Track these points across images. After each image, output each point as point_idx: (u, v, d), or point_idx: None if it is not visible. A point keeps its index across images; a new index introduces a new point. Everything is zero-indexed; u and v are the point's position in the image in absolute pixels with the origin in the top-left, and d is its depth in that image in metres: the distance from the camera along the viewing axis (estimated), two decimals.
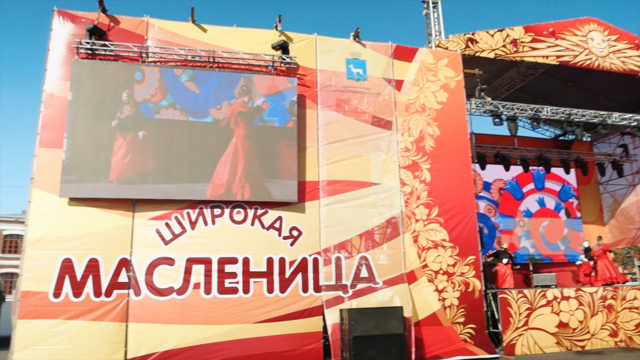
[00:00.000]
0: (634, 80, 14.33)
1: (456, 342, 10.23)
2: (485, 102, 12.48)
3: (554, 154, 17.36)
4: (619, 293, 11.89)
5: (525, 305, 10.94)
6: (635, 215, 17.82)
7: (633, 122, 14.01)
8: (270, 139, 10.05)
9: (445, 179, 11.05)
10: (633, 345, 11.40)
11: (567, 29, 13.53)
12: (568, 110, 13.27)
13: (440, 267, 10.55)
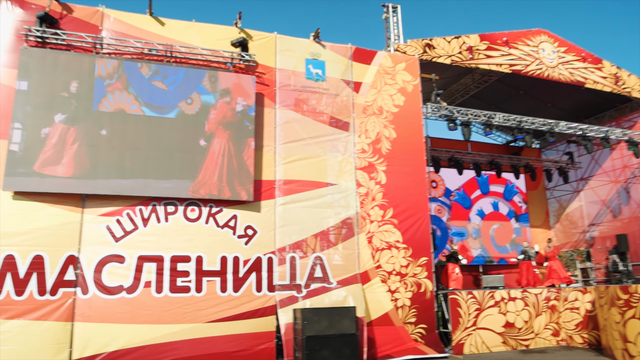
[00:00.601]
0: (580, 90, 15.02)
1: (407, 341, 10.41)
2: (441, 106, 12.78)
3: (505, 159, 17.98)
4: (561, 294, 12.42)
5: (475, 306, 11.27)
6: (579, 220, 18.68)
7: (578, 131, 14.66)
8: (228, 135, 9.94)
9: (400, 181, 11.24)
10: (573, 344, 11.93)
11: (520, 39, 14.03)
12: (519, 118, 13.75)
13: (393, 268, 10.73)
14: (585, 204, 18.49)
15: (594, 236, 18.06)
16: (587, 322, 11.78)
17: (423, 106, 12.20)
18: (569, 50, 14.75)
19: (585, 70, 14.80)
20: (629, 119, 16.58)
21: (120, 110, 9.42)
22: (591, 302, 11.71)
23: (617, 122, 16.83)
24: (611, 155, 17.36)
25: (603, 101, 16.42)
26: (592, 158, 18.05)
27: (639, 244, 16.25)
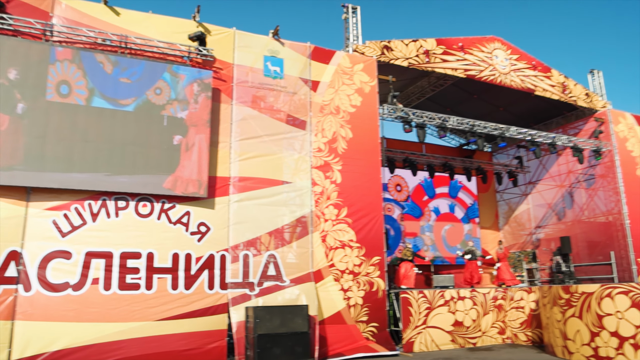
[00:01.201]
0: (530, 97, 15.59)
1: (359, 340, 10.52)
2: (397, 108, 12.98)
3: (458, 162, 18.46)
4: (508, 294, 12.86)
5: (425, 305, 11.52)
6: (526, 222, 19.41)
7: (527, 136, 15.21)
8: (184, 131, 9.76)
9: (355, 181, 11.34)
10: (517, 341, 12.39)
11: (475, 45, 14.42)
12: (472, 122, 14.13)
13: (346, 267, 10.82)
14: (532, 207, 19.23)
15: (539, 238, 18.80)
16: (531, 320, 12.25)
17: (379, 107, 12.36)
18: (521, 58, 15.28)
19: (535, 78, 15.37)
20: (574, 127, 17.34)
21: (73, 100, 9.08)
22: (535, 301, 12.18)
23: (563, 129, 17.57)
24: (557, 160, 18.11)
25: (551, 108, 17.10)
26: (540, 163, 18.79)
27: (581, 246, 17.04)
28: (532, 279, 18.15)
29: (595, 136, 16.37)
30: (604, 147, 16.25)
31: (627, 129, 16.83)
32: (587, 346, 8.95)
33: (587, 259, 16.74)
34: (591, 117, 16.72)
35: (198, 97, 9.97)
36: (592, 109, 16.58)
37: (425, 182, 18.40)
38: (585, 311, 9.01)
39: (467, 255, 15.46)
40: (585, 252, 16.90)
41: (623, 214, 15.68)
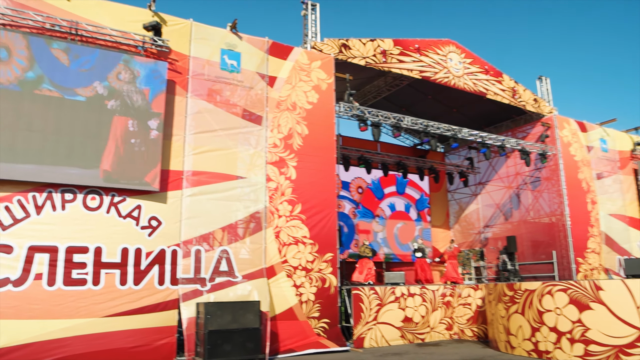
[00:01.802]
0: (482, 100, 16.07)
1: (310, 335, 10.58)
2: (353, 106, 13.09)
3: (412, 161, 18.83)
4: (456, 291, 13.24)
5: (376, 301, 11.70)
6: (475, 221, 20.03)
7: (478, 138, 15.69)
8: (137, 123, 9.49)
9: (310, 177, 11.37)
10: (464, 337, 12.78)
11: (430, 47, 14.73)
12: (426, 122, 14.44)
13: (299, 263, 10.84)
14: (481, 207, 19.87)
15: (487, 237, 19.45)
16: (477, 316, 12.66)
17: (336, 105, 12.43)
18: (474, 62, 15.73)
19: (487, 82, 15.87)
20: (523, 130, 18.02)
21: (20, 87, 8.65)
22: (482, 298, 12.59)
23: (512, 132, 18.22)
24: (506, 162, 18.78)
25: (501, 112, 17.71)
26: (490, 164, 19.42)
27: (526, 246, 17.75)
28: (479, 277, 18.77)
29: (541, 140, 17.07)
30: (550, 151, 16.96)
31: (570, 134, 17.62)
32: (528, 341, 9.34)
33: (531, 257, 17.45)
34: (538, 121, 17.42)
35: (152, 89, 9.71)
36: (539, 114, 17.28)
37: (379, 179, 18.68)
38: (528, 307, 9.40)
39: (418, 252, 15.80)
40: (529, 251, 17.61)
41: (565, 215, 16.44)
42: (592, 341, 8.36)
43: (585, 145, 17.97)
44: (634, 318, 8.08)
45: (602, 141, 18.79)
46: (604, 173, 18.38)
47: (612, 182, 18.59)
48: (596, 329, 8.35)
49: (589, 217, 17.18)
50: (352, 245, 17.45)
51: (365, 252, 14.83)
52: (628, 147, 19.55)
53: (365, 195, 18.51)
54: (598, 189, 17.85)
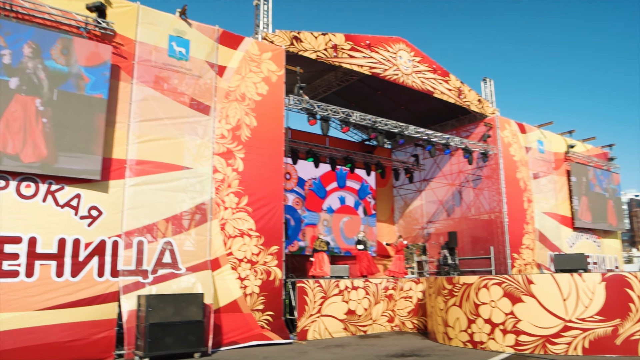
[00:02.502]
0: (429, 98, 16.49)
1: (254, 328, 10.57)
2: (303, 100, 13.11)
3: (359, 156, 19.08)
4: (398, 284, 13.58)
5: (320, 294, 11.82)
6: (419, 217, 20.58)
7: (424, 135, 16.10)
8: (75, 108, 9.06)
9: (257, 170, 11.30)
10: (405, 329, 13.15)
11: (381, 44, 14.94)
12: (374, 118, 14.66)
13: (244, 256, 10.77)
14: (425, 203, 20.43)
15: (430, 232, 20.05)
16: (418, 309, 13.05)
17: (285, 97, 12.40)
18: (423, 61, 16.09)
19: (435, 81, 16.29)
20: (466, 129, 18.64)
21: None
22: (422, 291, 12.98)
23: (457, 131, 18.82)
24: (450, 160, 19.38)
25: (447, 111, 18.24)
26: (434, 162, 19.98)
27: (466, 241, 18.43)
28: (421, 271, 19.31)
29: (484, 140, 17.73)
30: (491, 150, 17.65)
31: (511, 135, 18.41)
32: (464, 332, 9.73)
33: (471, 252, 18.15)
34: (482, 121, 18.08)
35: (94, 73, 9.31)
36: (483, 114, 17.93)
37: (327, 173, 18.76)
38: (465, 300, 9.78)
39: (359, 245, 16.04)
40: (469, 246, 18.31)
41: (503, 213, 17.18)
42: (523, 332, 8.82)
43: (524, 146, 18.82)
44: (561, 310, 8.59)
45: (539, 143, 19.74)
46: (540, 173, 19.34)
47: (547, 182, 19.59)
48: (527, 320, 8.82)
49: (525, 215, 18.04)
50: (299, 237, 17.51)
51: (321, 247, 15.14)
52: (562, 149, 20.65)
53: (309, 196, 18.58)
54: (534, 188, 18.77)
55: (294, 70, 12.87)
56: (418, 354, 9.12)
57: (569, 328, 8.49)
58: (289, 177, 18.08)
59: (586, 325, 8.43)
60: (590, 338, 8.37)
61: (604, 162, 22.79)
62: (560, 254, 12.26)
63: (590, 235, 21.17)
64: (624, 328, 8.29)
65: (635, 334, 8.24)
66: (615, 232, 23.07)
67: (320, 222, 18.54)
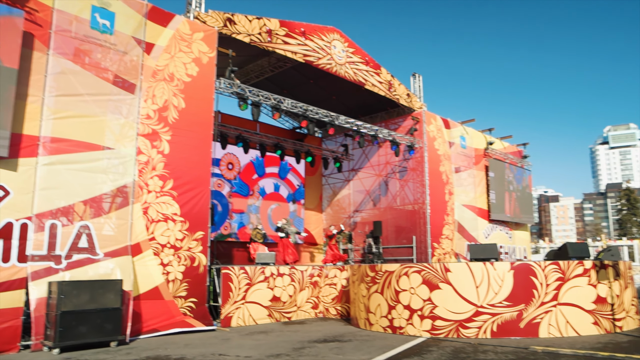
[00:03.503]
0: (361, 90, 16.72)
1: (176, 315, 10.30)
2: (234, 84, 12.84)
3: (290, 143, 19.05)
4: (323, 271, 13.76)
5: (246, 280, 11.73)
6: (347, 206, 20.94)
7: (354, 126, 16.33)
8: None
9: (184, 153, 10.95)
10: (328, 315, 13.37)
11: (316, 33, 14.92)
12: (305, 106, 14.66)
13: (168, 241, 10.44)
14: (352, 192, 20.82)
15: (356, 221, 20.48)
16: (342, 296, 13.30)
17: (216, 80, 12.09)
18: (356, 52, 16.26)
19: (367, 73, 16.53)
20: (395, 122, 19.12)
21: None
22: (347, 278, 13.24)
23: (386, 123, 19.26)
24: (378, 151, 19.83)
25: (377, 103, 18.60)
26: (363, 152, 20.36)
27: (390, 230, 19.00)
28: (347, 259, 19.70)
29: (410, 133, 18.28)
30: (417, 143, 18.24)
31: (436, 129, 19.11)
32: (384, 318, 10.04)
33: (394, 241, 18.75)
34: (409, 115, 18.62)
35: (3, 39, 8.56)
36: (411, 108, 18.46)
37: (256, 160, 18.64)
38: (387, 287, 10.08)
39: (280, 232, 16.02)
40: (393, 235, 18.90)
41: (426, 204, 17.86)
42: (439, 317, 9.24)
43: (447, 140, 19.62)
44: (473, 296, 9.08)
45: (462, 138, 20.66)
46: (461, 167, 20.28)
47: (467, 175, 20.58)
48: (442, 306, 9.24)
49: (446, 207, 18.87)
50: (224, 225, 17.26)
51: (257, 237, 15.18)
52: (482, 146, 21.76)
53: (246, 169, 18.36)
54: (455, 182, 19.65)
55: (226, 53, 12.57)
56: (340, 339, 9.30)
57: (480, 313, 9.00)
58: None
59: (495, 310, 8.97)
60: (499, 322, 8.92)
61: (519, 160, 24.28)
62: (475, 244, 12.94)
63: (503, 227, 22.55)
64: (528, 312, 8.91)
65: (536, 318, 8.88)
66: (525, 225, 24.72)
67: (248, 206, 18.36)
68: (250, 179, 18.71)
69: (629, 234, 67.23)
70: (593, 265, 9.31)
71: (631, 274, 10.46)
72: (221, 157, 17.55)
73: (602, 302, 9.20)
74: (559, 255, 10.68)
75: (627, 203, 74.05)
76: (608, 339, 8.44)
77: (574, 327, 8.92)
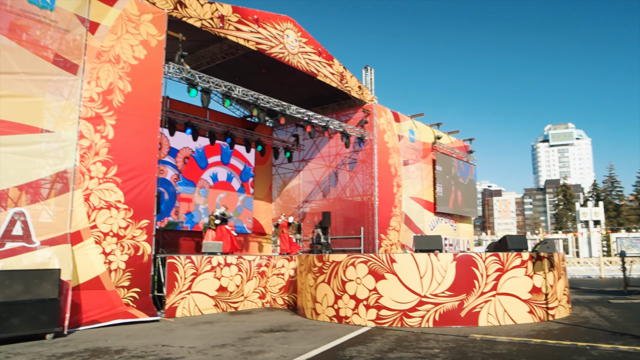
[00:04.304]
0: (313, 80, 16.70)
1: (118, 305, 9.99)
2: (184, 69, 12.51)
3: (240, 132, 18.82)
4: (271, 261, 13.73)
5: (192, 270, 11.53)
6: (296, 196, 20.95)
7: (305, 117, 16.32)
8: None
9: (129, 138, 10.58)
10: (275, 305, 13.37)
11: (269, 21, 14.73)
12: (256, 95, 14.50)
13: (110, 229, 10.09)
14: (302, 183, 20.84)
15: (305, 212, 20.53)
16: (289, 286, 13.33)
17: (165, 65, 11.73)
18: (309, 43, 16.20)
19: (319, 64, 16.52)
20: (346, 114, 19.26)
21: None
22: (294, 269, 13.26)
23: (337, 114, 19.37)
24: (328, 143, 19.94)
25: (329, 95, 18.66)
26: (314, 143, 20.41)
27: (339, 221, 19.18)
28: None
29: (361, 125, 18.47)
30: (367, 136, 18.46)
31: (386, 122, 19.39)
32: (331, 307, 10.14)
33: (343, 232, 18.95)
34: (360, 108, 18.80)
35: None
36: (362, 100, 18.63)
37: (197, 153, 18.23)
38: (333, 277, 10.18)
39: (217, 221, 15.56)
40: (341, 226, 19.09)
41: (374, 196, 18.13)
42: (384, 307, 9.43)
43: (397, 134, 19.97)
44: (417, 286, 9.32)
45: (411, 132, 21.09)
46: (409, 160, 20.71)
47: (415, 169, 21.05)
48: (388, 296, 9.44)
49: (394, 199, 19.23)
50: (172, 213, 16.89)
51: (211, 225, 14.97)
52: (430, 140, 22.30)
53: (189, 164, 17.97)
54: (403, 174, 20.05)
55: (176, 37, 12.23)
56: (286, 329, 9.33)
57: (424, 303, 9.26)
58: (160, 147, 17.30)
59: (438, 300, 9.25)
60: (441, 311, 9.21)
61: (464, 154, 25.06)
62: (420, 236, 13.25)
63: (448, 219, 23.25)
64: (469, 302, 9.24)
65: (477, 307, 9.24)
66: (469, 218, 25.60)
67: (196, 194, 18.03)
68: (198, 168, 18.32)
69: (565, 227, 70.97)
70: (530, 257, 9.76)
71: (564, 266, 11.05)
72: (180, 148, 17.23)
73: (537, 292, 9.67)
74: (499, 247, 11.12)
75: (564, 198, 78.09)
76: (541, 327, 8.89)
77: (511, 316, 9.34)
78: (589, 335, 7.92)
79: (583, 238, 41.83)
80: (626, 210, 68.31)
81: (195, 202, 17.94)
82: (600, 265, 28.35)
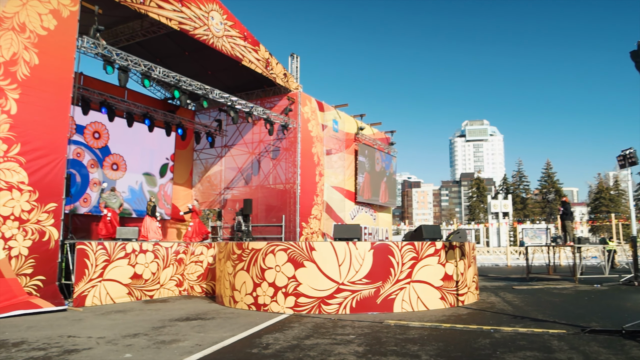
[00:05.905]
0: (237, 65, 16.37)
1: (19, 295, 9.29)
2: (100, 44, 11.78)
3: (160, 114, 18.11)
4: (189, 248, 13.40)
5: (104, 257, 10.98)
6: (218, 183, 20.55)
7: (228, 101, 15.98)
8: None
9: (36, 115, 9.81)
10: (193, 293, 13.08)
11: (193, 0, 14.20)
12: (178, 77, 13.99)
13: (11, 213, 9.32)
14: (224, 169, 20.48)
15: (227, 199, 20.22)
16: (207, 273, 13.09)
17: (79, 38, 10.98)
18: (235, 26, 15.84)
19: (245, 48, 16.20)
20: (271, 101, 19.10)
21: None
22: (213, 256, 13.04)
23: (261, 101, 19.15)
24: (252, 129, 19.70)
25: (254, 81, 18.40)
26: (237, 129, 20.10)
27: (260, 209, 19.07)
28: (215, 236, 19.43)
29: (285, 113, 18.40)
30: (291, 124, 18.43)
31: (310, 111, 19.47)
32: (249, 295, 10.09)
33: (264, 220, 18.87)
34: (285, 95, 18.72)
35: None
36: (287, 88, 18.55)
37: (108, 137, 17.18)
38: (253, 265, 10.12)
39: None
40: (263, 214, 19.00)
41: (297, 184, 18.19)
42: (302, 294, 9.52)
43: (321, 123, 20.12)
44: (336, 274, 9.50)
45: (334, 122, 21.34)
46: (332, 150, 20.98)
47: (338, 158, 21.36)
48: (306, 283, 9.53)
49: (316, 187, 19.41)
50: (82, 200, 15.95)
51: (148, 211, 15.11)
52: (353, 130, 22.70)
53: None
54: (326, 164, 20.29)
55: (92, 10, 11.46)
56: (203, 317, 9.16)
57: (341, 290, 9.45)
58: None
59: (355, 287, 9.48)
60: (358, 298, 9.45)
61: (386, 146, 25.78)
62: (340, 224, 13.51)
63: (368, 209, 23.87)
64: (384, 289, 9.56)
65: (392, 294, 9.58)
66: (388, 208, 26.45)
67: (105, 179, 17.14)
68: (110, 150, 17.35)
69: (477, 219, 75.20)
70: (443, 246, 10.25)
71: (474, 254, 11.72)
72: (86, 125, 16.07)
73: (449, 279, 10.19)
74: (415, 236, 11.57)
75: (477, 191, 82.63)
76: (451, 312, 9.38)
77: (424, 302, 9.78)
78: (494, 319, 8.47)
79: (493, 229, 44.61)
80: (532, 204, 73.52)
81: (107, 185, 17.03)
82: (507, 254, 30.37)
